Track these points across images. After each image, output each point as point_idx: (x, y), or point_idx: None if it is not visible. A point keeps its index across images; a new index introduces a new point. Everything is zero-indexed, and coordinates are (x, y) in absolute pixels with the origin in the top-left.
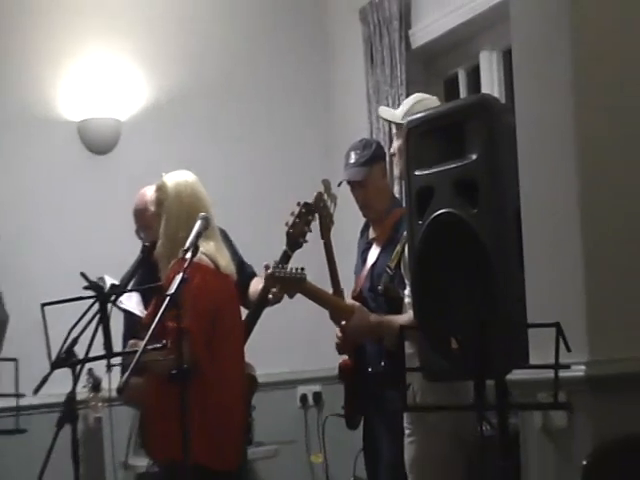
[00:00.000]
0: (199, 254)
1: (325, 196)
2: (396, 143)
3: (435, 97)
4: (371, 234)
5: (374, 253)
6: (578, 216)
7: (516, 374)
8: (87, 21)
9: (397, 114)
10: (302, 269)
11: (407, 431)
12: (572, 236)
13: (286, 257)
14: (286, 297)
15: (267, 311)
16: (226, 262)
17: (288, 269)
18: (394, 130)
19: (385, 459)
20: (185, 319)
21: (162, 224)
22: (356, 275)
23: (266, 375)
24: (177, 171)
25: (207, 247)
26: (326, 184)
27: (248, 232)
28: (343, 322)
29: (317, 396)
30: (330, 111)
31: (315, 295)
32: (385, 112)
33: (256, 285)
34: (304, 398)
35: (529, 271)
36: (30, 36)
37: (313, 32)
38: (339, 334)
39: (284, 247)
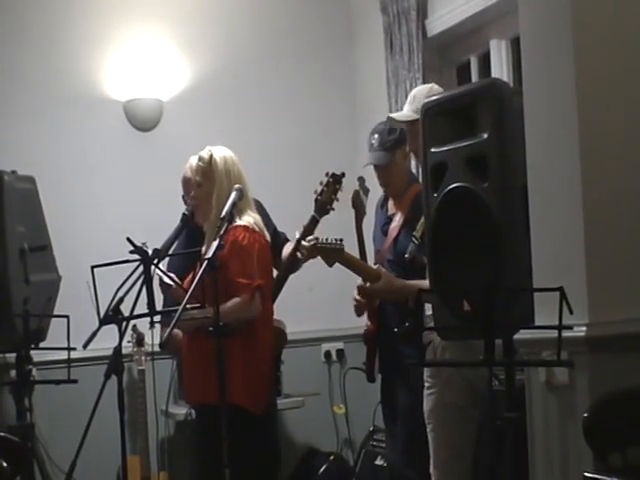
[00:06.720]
0: (253, 223)
1: (361, 192)
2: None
3: (433, 84)
4: (390, 209)
5: (395, 227)
6: (579, 189)
7: (522, 334)
8: (131, 9)
9: (405, 113)
10: (341, 240)
11: (427, 384)
12: (574, 208)
13: (314, 222)
14: (316, 265)
15: (296, 275)
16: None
17: (328, 240)
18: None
19: (402, 408)
20: (256, 277)
21: (214, 197)
22: (376, 246)
23: (293, 333)
24: (219, 146)
25: (255, 217)
26: (361, 181)
27: (279, 201)
28: (368, 284)
29: (340, 353)
30: (354, 92)
31: (351, 263)
32: (396, 116)
33: (288, 250)
34: (328, 354)
35: (535, 240)
36: (81, 24)
37: (338, 21)
38: (357, 297)
39: (312, 212)
